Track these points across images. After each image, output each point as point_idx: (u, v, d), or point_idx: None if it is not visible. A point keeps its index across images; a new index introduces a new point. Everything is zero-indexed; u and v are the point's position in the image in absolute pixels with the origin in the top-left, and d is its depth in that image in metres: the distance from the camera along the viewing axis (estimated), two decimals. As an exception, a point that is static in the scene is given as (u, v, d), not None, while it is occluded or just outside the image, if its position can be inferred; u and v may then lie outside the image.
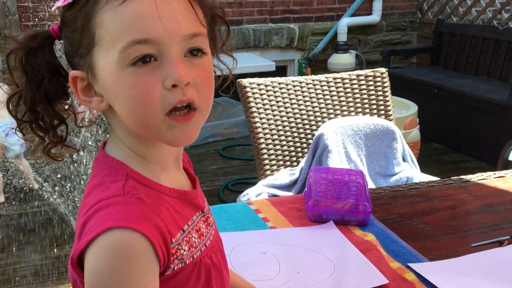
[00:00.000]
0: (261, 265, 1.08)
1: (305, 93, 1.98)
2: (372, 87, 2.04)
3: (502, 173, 1.57)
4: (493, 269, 1.07)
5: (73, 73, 0.67)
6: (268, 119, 1.91)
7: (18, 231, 2.91)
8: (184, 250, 0.67)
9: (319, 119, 1.99)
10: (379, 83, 2.05)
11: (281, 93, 1.95)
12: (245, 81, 1.90)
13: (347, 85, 2.03)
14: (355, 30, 5.24)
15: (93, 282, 0.60)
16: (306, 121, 1.98)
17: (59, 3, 0.67)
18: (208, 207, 0.79)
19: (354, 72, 2.06)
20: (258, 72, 4.27)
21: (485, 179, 1.52)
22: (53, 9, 0.68)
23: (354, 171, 1.40)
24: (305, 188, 1.38)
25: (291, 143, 1.96)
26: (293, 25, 5.08)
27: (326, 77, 2.03)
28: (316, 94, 2.00)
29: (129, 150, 0.69)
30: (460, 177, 1.54)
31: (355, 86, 2.04)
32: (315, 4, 5.13)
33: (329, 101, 2.01)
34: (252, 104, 1.89)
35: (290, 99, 1.96)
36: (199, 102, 0.65)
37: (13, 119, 0.72)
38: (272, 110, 1.92)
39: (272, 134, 1.92)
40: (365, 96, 2.04)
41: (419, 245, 1.15)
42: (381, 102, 2.05)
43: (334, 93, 2.02)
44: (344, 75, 2.05)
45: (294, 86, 1.97)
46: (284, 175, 1.85)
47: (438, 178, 1.66)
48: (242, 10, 4.89)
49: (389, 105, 2.05)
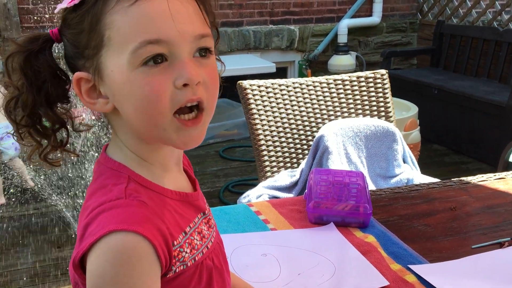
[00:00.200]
0: (262, 267, 1.08)
1: (306, 95, 1.98)
2: (372, 89, 2.05)
3: (502, 174, 1.57)
4: (494, 271, 1.07)
5: (78, 74, 0.66)
6: (268, 121, 1.91)
7: (18, 233, 2.90)
8: (186, 252, 0.68)
9: (319, 120, 1.99)
10: (379, 85, 2.05)
11: (282, 94, 1.95)
12: (245, 83, 1.90)
13: (348, 87, 2.04)
14: (356, 32, 5.25)
15: (95, 284, 0.60)
16: (306, 123, 1.98)
17: (63, 5, 0.66)
18: (209, 209, 0.80)
19: (354, 74, 2.06)
20: (258, 74, 4.29)
21: (486, 180, 1.52)
22: (56, 10, 0.67)
23: (354, 172, 1.40)
24: (306, 190, 1.38)
25: (291, 145, 1.96)
26: (293, 26, 5.08)
27: (326, 79, 2.03)
28: (317, 95, 2.00)
29: (131, 152, 0.69)
30: (461, 178, 1.54)
31: (356, 87, 2.04)
32: (315, 6, 5.13)
33: (329, 103, 2.01)
34: (253, 105, 1.89)
35: (290, 100, 1.96)
36: (207, 101, 0.66)
37: (7, 122, 0.70)
38: (273, 112, 1.93)
39: (272, 136, 1.92)
40: (365, 97, 2.04)
41: (420, 247, 1.15)
42: (382, 104, 2.05)
43: (334, 94, 2.02)
44: (344, 76, 2.05)
45: (294, 87, 1.97)
46: (285, 177, 1.85)
47: (438, 180, 1.66)
48: (243, 12, 4.90)
49: (389, 107, 2.05)
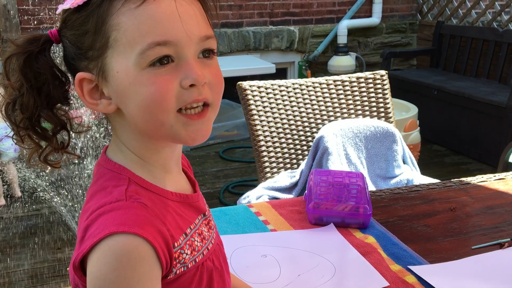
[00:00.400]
0: (262, 268, 1.08)
1: (305, 96, 1.98)
2: (372, 90, 2.05)
3: (502, 175, 1.57)
4: (494, 272, 1.07)
5: (81, 75, 0.66)
6: (268, 122, 1.91)
7: (18, 234, 2.90)
8: (187, 254, 0.68)
9: (319, 121, 1.99)
10: (379, 85, 2.05)
11: (281, 95, 1.95)
12: (245, 84, 1.90)
13: (347, 88, 2.04)
14: (355, 32, 5.25)
15: (95, 286, 0.60)
16: (306, 124, 1.98)
17: (66, 5, 0.65)
18: (209, 210, 0.80)
19: (354, 75, 2.06)
20: (258, 75, 4.30)
21: (485, 181, 1.52)
22: (58, 11, 0.66)
23: (354, 173, 1.40)
24: (306, 191, 1.38)
25: (291, 146, 1.96)
26: (293, 27, 5.08)
27: (326, 80, 2.03)
28: (316, 96, 2.00)
29: (133, 154, 0.69)
30: (460, 179, 1.54)
31: (355, 88, 2.04)
32: (315, 7, 5.14)
33: (329, 104, 2.01)
34: (253, 106, 1.89)
35: (290, 101, 1.96)
36: (213, 98, 0.67)
37: (6, 123, 0.70)
38: (273, 113, 1.93)
39: (272, 137, 1.92)
40: (365, 98, 2.04)
41: (420, 248, 1.15)
42: (381, 105, 2.05)
43: (334, 95, 2.02)
44: (344, 77, 2.05)
45: (294, 88, 1.97)
46: (285, 178, 1.85)
47: (438, 180, 1.65)
48: (242, 13, 4.90)
49: (389, 108, 2.05)
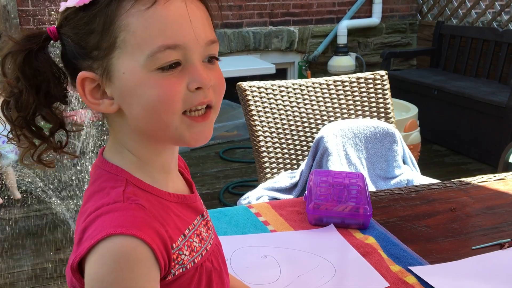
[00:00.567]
0: (262, 268, 1.08)
1: (305, 96, 1.98)
2: (372, 90, 2.04)
3: (502, 175, 1.57)
4: (494, 272, 1.07)
5: (83, 74, 0.65)
6: (268, 122, 1.91)
7: (18, 235, 2.90)
8: (185, 255, 0.68)
9: (319, 122, 1.99)
10: (379, 86, 2.05)
11: (281, 96, 1.95)
12: (245, 84, 1.90)
13: (347, 88, 2.04)
14: (355, 33, 5.25)
15: None
16: (306, 124, 1.98)
17: (71, 3, 0.64)
18: (207, 211, 0.80)
19: (354, 75, 2.06)
20: (258, 75, 4.30)
21: (486, 181, 1.52)
22: (61, 9, 0.65)
23: (354, 174, 1.39)
24: (306, 191, 1.38)
25: (291, 146, 1.96)
26: (293, 27, 5.08)
27: (326, 80, 2.03)
28: (316, 97, 2.00)
29: (131, 155, 0.69)
30: (461, 179, 1.54)
31: (355, 88, 2.04)
32: (314, 7, 5.14)
33: (329, 104, 2.01)
34: (252, 107, 1.89)
35: (290, 102, 1.96)
36: (215, 101, 0.68)
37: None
38: (272, 113, 1.92)
39: (272, 137, 1.92)
40: (365, 98, 2.04)
41: (420, 248, 1.15)
42: (381, 105, 2.05)
43: (334, 96, 2.02)
44: (344, 77, 2.05)
45: (294, 89, 1.97)
46: (285, 178, 1.85)
47: (438, 181, 1.65)
48: (242, 13, 4.90)
49: (389, 108, 2.05)
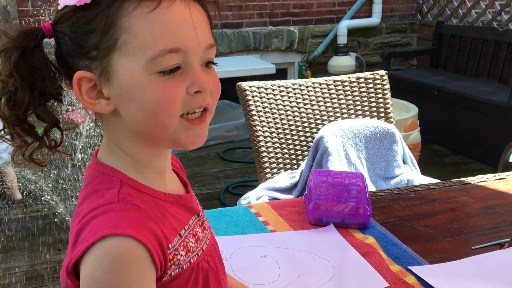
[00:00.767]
0: (261, 269, 1.08)
1: (305, 96, 1.98)
2: (372, 90, 2.04)
3: (502, 175, 1.56)
4: (494, 272, 1.07)
5: (81, 73, 0.64)
6: (268, 122, 1.91)
7: (17, 235, 2.90)
8: (181, 255, 0.67)
9: (319, 122, 1.99)
10: (379, 86, 2.05)
11: (281, 96, 1.95)
12: (244, 84, 1.90)
13: (347, 88, 2.03)
14: (355, 33, 5.25)
15: None
16: (306, 124, 1.98)
17: (71, 2, 0.63)
18: (203, 210, 0.80)
19: (354, 75, 2.06)
20: (258, 75, 4.30)
21: (486, 181, 1.52)
22: (60, 6, 0.64)
23: (354, 173, 1.39)
24: (305, 191, 1.38)
25: (291, 146, 1.96)
26: (293, 27, 5.08)
27: (326, 80, 2.03)
28: (316, 97, 2.00)
29: (126, 155, 0.69)
30: (461, 179, 1.54)
31: (355, 88, 2.04)
32: (314, 7, 5.13)
33: (329, 104, 2.01)
34: (252, 107, 1.89)
35: (290, 102, 1.96)
36: (211, 104, 0.69)
37: None
38: (272, 113, 1.92)
39: (272, 137, 1.92)
40: (365, 98, 2.04)
41: (420, 248, 1.15)
42: (381, 105, 2.05)
43: (334, 95, 2.02)
44: (344, 77, 2.05)
45: (294, 89, 1.97)
46: (285, 178, 1.85)
47: (438, 180, 1.65)
48: (242, 13, 4.90)
49: (389, 108, 2.05)
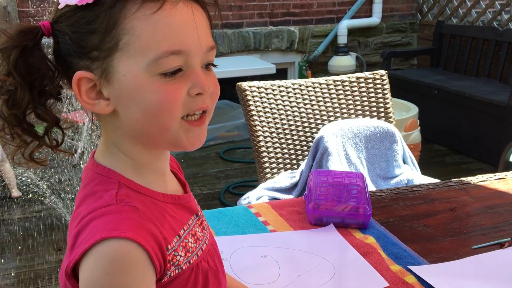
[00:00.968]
0: (261, 268, 1.08)
1: (305, 96, 1.98)
2: (372, 89, 2.04)
3: (502, 174, 1.56)
4: (494, 271, 1.07)
5: (80, 74, 0.64)
6: (268, 122, 1.91)
7: (17, 235, 2.90)
8: (181, 256, 0.67)
9: (319, 121, 1.99)
10: (379, 85, 2.05)
11: (281, 96, 1.95)
12: (244, 84, 1.90)
13: (347, 88, 2.03)
14: (355, 32, 5.25)
15: None
16: (306, 124, 1.98)
17: (72, 1, 0.63)
18: (201, 210, 0.79)
19: (354, 75, 2.06)
20: (258, 75, 4.30)
21: (486, 181, 1.52)
22: (60, 6, 0.64)
23: (354, 173, 1.39)
24: (305, 191, 1.38)
25: (291, 146, 1.96)
26: (293, 27, 5.08)
27: (326, 80, 2.03)
28: (316, 97, 2.00)
29: (124, 156, 0.68)
30: (461, 179, 1.54)
31: (355, 88, 2.04)
32: (315, 7, 5.13)
33: (329, 104, 2.01)
34: (252, 107, 1.89)
35: (290, 102, 1.96)
36: (211, 106, 0.69)
37: None
38: (272, 113, 1.92)
39: (272, 137, 1.92)
40: (365, 98, 2.04)
41: (420, 248, 1.15)
42: (381, 105, 2.05)
43: (334, 95, 2.02)
44: (344, 77, 2.05)
45: (294, 89, 1.97)
46: (285, 178, 1.85)
47: (438, 180, 1.65)
48: (242, 13, 4.90)
49: (389, 107, 2.05)
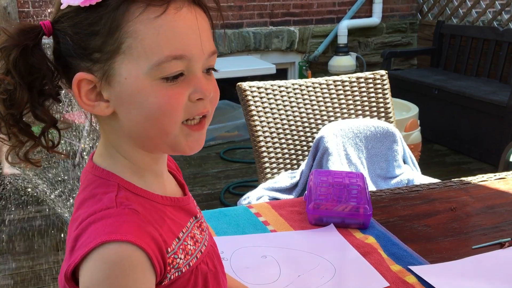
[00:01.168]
0: (262, 268, 1.08)
1: (305, 96, 1.98)
2: (372, 90, 2.04)
3: (502, 174, 1.56)
4: (494, 271, 1.07)
5: (81, 75, 0.64)
6: (268, 122, 1.91)
7: (17, 235, 2.90)
8: (180, 258, 0.67)
9: (319, 122, 1.99)
10: (379, 85, 2.05)
11: (281, 96, 1.95)
12: (245, 85, 1.90)
13: (347, 88, 2.03)
14: (356, 33, 5.25)
15: None
16: (306, 124, 1.98)
17: (74, 2, 0.62)
18: (200, 212, 0.79)
19: (354, 75, 2.06)
20: (259, 75, 4.30)
21: (486, 180, 1.52)
22: (62, 6, 0.64)
23: (354, 173, 1.39)
24: (306, 191, 1.38)
25: (291, 146, 1.96)
26: (293, 27, 5.08)
27: (326, 80, 2.03)
28: (316, 97, 2.00)
29: (123, 158, 0.68)
30: (461, 179, 1.54)
31: (355, 88, 2.04)
32: (315, 7, 5.13)
33: (329, 104, 2.01)
34: (252, 107, 1.89)
35: (290, 102, 1.96)
36: (210, 111, 0.69)
37: None
38: (272, 113, 1.92)
39: (272, 137, 1.92)
40: (365, 98, 2.04)
41: (420, 248, 1.15)
42: (381, 105, 2.05)
43: (334, 95, 2.02)
44: (344, 77, 2.05)
45: (294, 89, 1.97)
46: (285, 178, 1.85)
47: (438, 180, 1.65)
48: (243, 13, 4.90)
49: (389, 107, 2.05)
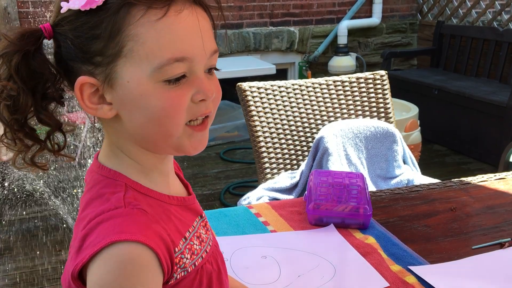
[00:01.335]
0: (262, 269, 1.08)
1: (305, 96, 1.98)
2: (372, 90, 2.04)
3: (502, 174, 1.56)
4: (494, 271, 1.07)
5: (83, 79, 0.64)
6: (268, 123, 1.91)
7: (17, 236, 2.90)
8: (187, 258, 0.68)
9: (319, 122, 1.99)
10: (379, 86, 2.05)
11: (281, 96, 1.95)
12: (245, 85, 1.90)
13: (347, 88, 2.04)
14: (355, 33, 5.25)
15: None
16: (306, 124, 1.98)
17: (74, 6, 0.62)
18: (203, 212, 0.80)
19: (354, 75, 2.06)
20: (258, 76, 4.30)
21: (486, 181, 1.52)
22: (62, 10, 0.64)
23: (354, 174, 1.39)
24: (306, 192, 1.38)
25: (291, 146, 1.96)
26: (293, 28, 5.08)
27: (326, 80, 2.03)
28: (316, 97, 2.00)
29: (129, 159, 0.68)
30: (461, 179, 1.54)
31: (355, 88, 2.04)
32: (315, 7, 5.14)
33: (329, 104, 2.01)
34: (252, 107, 1.89)
35: (290, 102, 1.96)
36: (213, 111, 0.69)
37: None
38: (272, 114, 1.93)
39: (272, 138, 1.92)
40: (365, 98, 2.04)
41: (420, 248, 1.15)
42: (381, 105, 2.05)
43: (334, 96, 2.02)
44: (344, 78, 2.05)
45: (294, 89, 1.97)
46: (285, 179, 1.85)
47: (438, 180, 1.65)
48: (242, 14, 4.90)
49: (389, 108, 2.05)
